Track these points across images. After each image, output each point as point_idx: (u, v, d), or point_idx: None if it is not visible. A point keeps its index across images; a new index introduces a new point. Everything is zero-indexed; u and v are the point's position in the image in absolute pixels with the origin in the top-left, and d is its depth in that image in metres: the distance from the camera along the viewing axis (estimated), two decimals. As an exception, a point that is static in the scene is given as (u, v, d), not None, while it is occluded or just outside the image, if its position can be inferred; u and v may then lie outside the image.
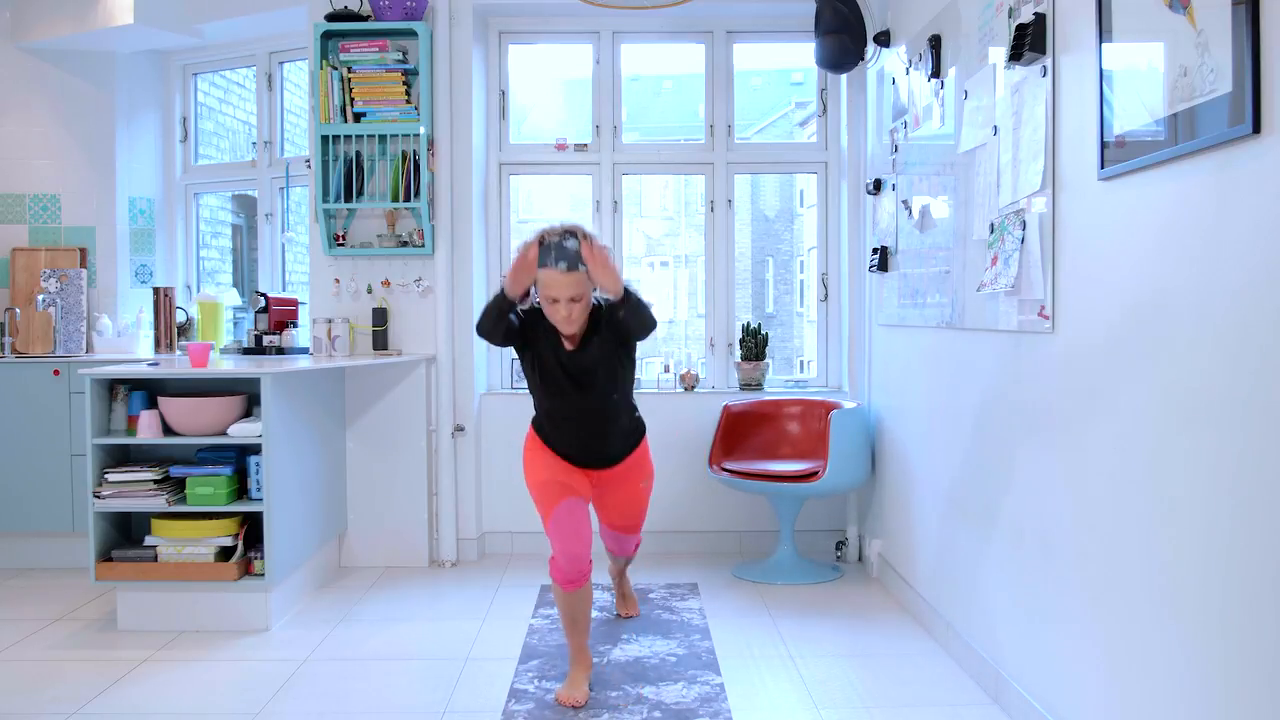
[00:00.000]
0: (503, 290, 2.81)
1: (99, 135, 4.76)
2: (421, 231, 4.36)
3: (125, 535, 3.62)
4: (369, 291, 4.43)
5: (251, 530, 3.52)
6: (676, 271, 14.00)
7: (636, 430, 3.16)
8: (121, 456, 3.62)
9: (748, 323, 4.66)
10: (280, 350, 4.37)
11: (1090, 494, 2.26)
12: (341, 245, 4.39)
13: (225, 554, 3.46)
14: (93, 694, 2.90)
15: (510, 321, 2.86)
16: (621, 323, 2.84)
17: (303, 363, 3.83)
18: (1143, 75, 2.01)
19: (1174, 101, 1.87)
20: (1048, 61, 2.46)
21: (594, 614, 3.54)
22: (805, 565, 4.17)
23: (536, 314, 2.91)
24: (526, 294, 2.87)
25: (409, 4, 4.33)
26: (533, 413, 3.11)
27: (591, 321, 2.90)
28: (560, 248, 2.74)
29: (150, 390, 3.62)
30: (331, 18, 4.29)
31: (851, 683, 2.99)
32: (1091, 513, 2.26)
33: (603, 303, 2.90)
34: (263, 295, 4.46)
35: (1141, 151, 2.00)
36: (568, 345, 2.91)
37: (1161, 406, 1.96)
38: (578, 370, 2.90)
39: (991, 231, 2.80)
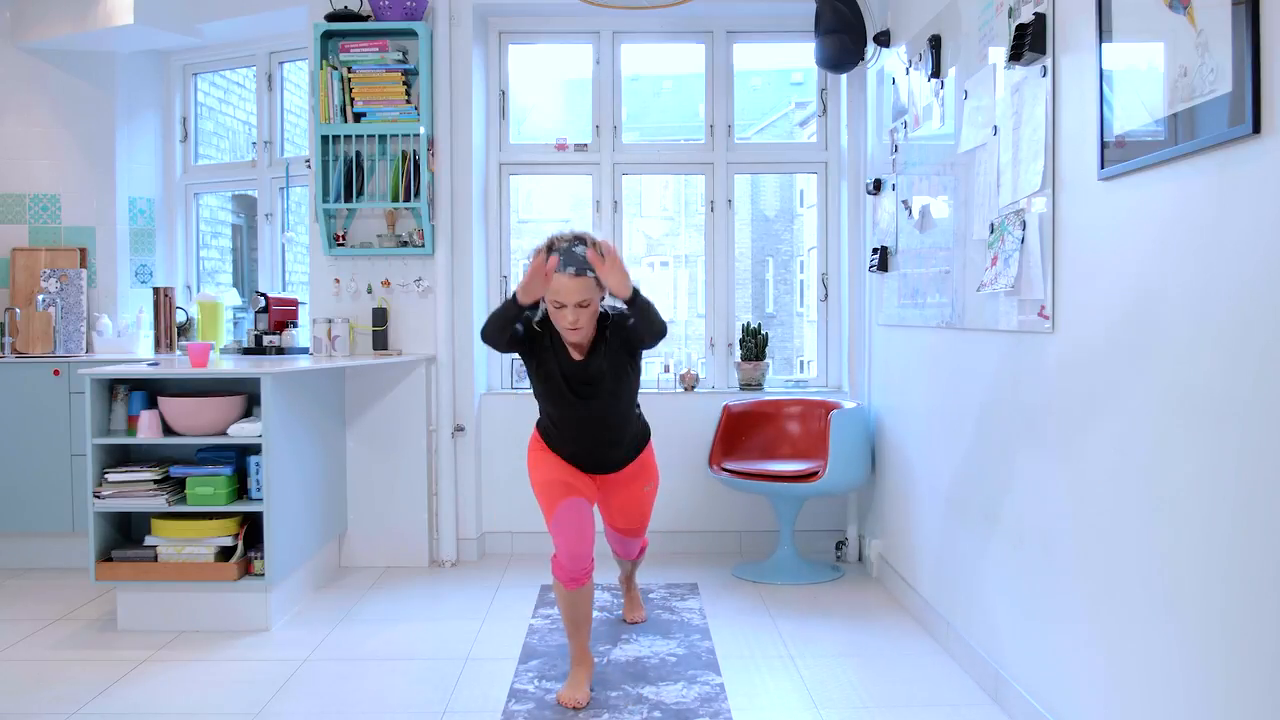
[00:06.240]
0: (513, 296, 2.78)
1: (99, 135, 4.76)
2: (421, 231, 4.36)
3: (125, 535, 3.62)
4: (369, 291, 4.43)
5: (251, 530, 3.52)
6: (677, 272, 14.01)
7: (641, 436, 3.16)
8: (121, 456, 3.62)
9: (748, 323, 4.66)
10: (280, 350, 4.37)
11: (1090, 494, 2.26)
12: (341, 245, 4.39)
13: (225, 554, 3.46)
14: (93, 694, 2.91)
15: (515, 330, 2.86)
16: (632, 331, 2.83)
17: (303, 363, 3.83)
18: (1143, 75, 2.01)
19: (1174, 101, 1.87)
20: (1048, 61, 2.46)
21: (595, 614, 3.54)
22: (805, 565, 4.17)
23: (543, 323, 2.91)
24: (537, 303, 2.87)
25: (409, 4, 4.33)
26: (536, 416, 3.11)
27: (599, 331, 2.90)
28: (569, 253, 2.76)
29: (150, 390, 3.62)
30: (331, 18, 4.29)
31: (851, 683, 2.99)
32: (1091, 512, 2.26)
33: (611, 311, 2.90)
34: (263, 295, 4.46)
35: (1141, 151, 2.00)
36: (574, 355, 2.90)
37: (1161, 406, 1.96)
38: (583, 380, 2.90)
39: (991, 231, 2.80)
